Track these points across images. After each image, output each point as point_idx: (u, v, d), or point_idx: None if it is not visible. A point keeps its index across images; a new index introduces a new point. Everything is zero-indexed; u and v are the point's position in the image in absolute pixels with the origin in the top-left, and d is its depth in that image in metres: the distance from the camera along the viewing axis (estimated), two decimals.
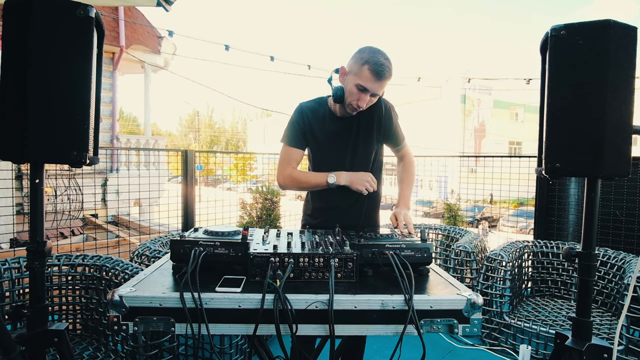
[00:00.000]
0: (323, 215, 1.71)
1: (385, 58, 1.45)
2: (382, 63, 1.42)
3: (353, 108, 1.52)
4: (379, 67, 1.41)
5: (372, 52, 1.45)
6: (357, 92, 1.47)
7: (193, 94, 77.49)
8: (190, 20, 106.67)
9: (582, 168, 1.09)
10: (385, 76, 1.43)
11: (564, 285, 2.80)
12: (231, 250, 1.13)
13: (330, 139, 1.63)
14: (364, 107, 1.50)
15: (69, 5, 1.03)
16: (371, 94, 1.47)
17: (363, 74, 1.43)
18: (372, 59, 1.42)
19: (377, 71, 1.42)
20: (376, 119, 1.61)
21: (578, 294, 1.16)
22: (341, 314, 0.99)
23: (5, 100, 1.01)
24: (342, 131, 1.62)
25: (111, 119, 8.33)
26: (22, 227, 4.50)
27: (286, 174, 1.64)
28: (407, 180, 1.72)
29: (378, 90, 1.46)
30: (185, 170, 3.86)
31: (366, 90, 1.45)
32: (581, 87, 1.06)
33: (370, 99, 1.49)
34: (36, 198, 1.09)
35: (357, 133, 1.62)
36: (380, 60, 1.43)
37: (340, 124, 1.62)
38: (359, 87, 1.46)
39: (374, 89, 1.45)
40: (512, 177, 4.16)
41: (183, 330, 0.97)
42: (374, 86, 1.44)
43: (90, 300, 1.90)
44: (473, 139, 25.17)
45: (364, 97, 1.47)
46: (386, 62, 1.44)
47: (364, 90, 1.45)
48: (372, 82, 1.43)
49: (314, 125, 1.64)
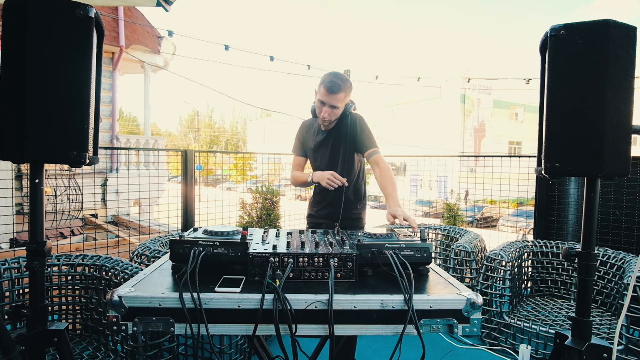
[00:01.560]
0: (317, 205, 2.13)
1: (338, 78, 1.83)
2: (333, 81, 1.81)
3: (322, 119, 1.89)
4: (330, 84, 1.81)
5: (329, 75, 1.86)
6: (320, 106, 1.88)
7: (193, 94, 77.55)
8: (190, 20, 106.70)
9: (581, 168, 1.09)
10: (335, 91, 1.80)
11: (564, 285, 2.80)
12: (231, 250, 1.13)
13: (317, 149, 2.05)
14: (326, 117, 1.86)
15: (68, 6, 1.03)
16: (329, 105, 1.83)
17: (320, 91, 1.85)
18: (326, 79, 1.83)
19: (328, 87, 1.81)
20: (346, 130, 1.96)
21: (578, 294, 1.16)
22: (341, 314, 0.99)
23: (6, 101, 1.01)
24: (325, 142, 2.02)
25: (111, 119, 8.33)
26: (22, 227, 4.50)
27: (291, 175, 2.20)
28: (390, 182, 1.86)
29: (333, 102, 1.82)
30: (185, 171, 3.86)
31: (323, 103, 1.84)
32: (581, 87, 1.06)
33: (330, 110, 1.85)
34: (36, 198, 1.09)
35: (335, 143, 1.99)
36: (332, 79, 1.82)
37: (323, 136, 2.01)
38: (320, 102, 1.86)
39: (329, 102, 1.83)
40: (512, 177, 4.16)
41: (183, 331, 0.97)
42: (328, 99, 1.82)
43: (90, 300, 1.90)
44: (473, 139, 25.16)
45: (324, 109, 1.85)
46: (337, 80, 1.82)
47: (323, 104, 1.85)
48: (327, 96, 1.82)
49: (307, 137, 2.10)
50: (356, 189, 2.05)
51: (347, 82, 1.86)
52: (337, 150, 2.00)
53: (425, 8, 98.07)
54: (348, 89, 1.86)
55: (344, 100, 1.87)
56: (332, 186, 1.85)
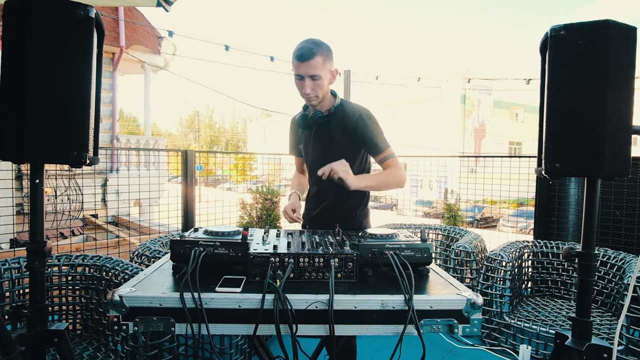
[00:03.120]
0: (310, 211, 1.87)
1: (309, 42, 1.53)
2: (303, 47, 1.51)
3: (306, 99, 1.62)
4: (300, 51, 1.51)
5: (299, 43, 1.56)
6: (298, 83, 1.58)
7: (193, 94, 77.59)
8: (190, 20, 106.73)
9: (581, 168, 1.09)
10: (308, 56, 1.50)
11: (564, 285, 2.80)
12: (231, 250, 1.13)
13: (307, 143, 1.78)
14: (309, 92, 1.57)
15: (69, 6, 1.03)
16: (308, 76, 1.54)
17: (294, 64, 1.55)
18: (295, 49, 1.54)
19: (298, 55, 1.51)
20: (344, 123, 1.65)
21: (578, 294, 1.16)
22: (341, 314, 0.99)
23: (6, 100, 1.01)
24: (317, 136, 1.72)
25: (111, 119, 8.33)
26: (22, 227, 4.50)
27: (293, 175, 2.03)
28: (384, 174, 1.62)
29: (310, 71, 1.52)
30: (185, 171, 3.86)
31: (300, 76, 1.55)
32: (581, 87, 1.06)
33: (312, 83, 1.56)
34: (36, 198, 1.09)
35: (330, 137, 1.68)
36: (302, 45, 1.52)
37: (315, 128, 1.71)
38: (297, 77, 1.57)
39: (306, 72, 1.53)
40: (512, 177, 4.16)
41: (183, 330, 0.97)
42: (304, 69, 1.52)
43: (90, 300, 1.90)
44: (473, 139, 25.16)
45: (303, 84, 1.56)
46: (308, 45, 1.52)
47: (301, 78, 1.56)
48: (300, 66, 1.52)
49: (298, 132, 1.83)
50: (356, 193, 1.68)
51: (322, 45, 1.54)
52: (331, 146, 1.68)
53: (425, 8, 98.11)
54: (325, 53, 1.54)
55: (324, 67, 1.54)
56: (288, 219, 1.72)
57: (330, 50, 1.58)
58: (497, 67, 43.94)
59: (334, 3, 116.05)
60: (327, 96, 1.68)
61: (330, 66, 1.59)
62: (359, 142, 1.66)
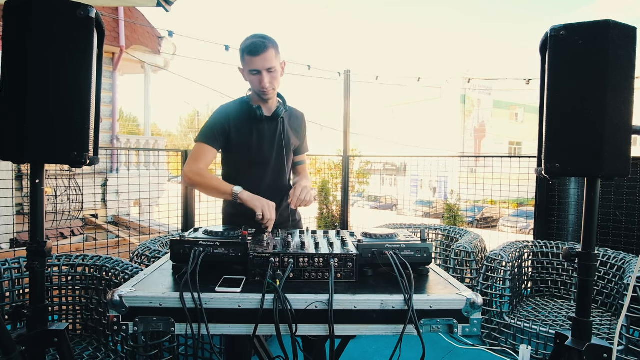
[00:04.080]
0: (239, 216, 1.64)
1: (257, 37, 1.55)
2: (254, 42, 1.53)
3: (263, 93, 1.60)
4: (250, 46, 1.52)
5: (245, 40, 1.57)
6: (255, 78, 1.57)
7: (193, 94, 77.48)
8: (190, 20, 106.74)
9: (581, 168, 1.09)
10: (261, 50, 1.51)
11: (564, 285, 2.80)
12: (231, 250, 1.13)
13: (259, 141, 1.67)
14: (267, 85, 1.57)
15: (69, 6, 1.03)
16: (266, 70, 1.54)
17: (246, 61, 1.55)
18: (244, 44, 1.55)
19: (250, 50, 1.52)
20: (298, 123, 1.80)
21: (578, 294, 1.16)
22: (341, 314, 0.99)
23: (6, 101, 1.01)
24: (270, 134, 1.68)
25: (111, 119, 8.33)
26: (22, 227, 4.49)
27: (195, 169, 1.59)
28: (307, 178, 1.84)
29: (267, 64, 1.53)
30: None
31: (257, 71, 1.55)
32: (581, 87, 1.06)
33: (269, 75, 1.56)
34: (36, 198, 1.09)
35: (282, 137, 1.70)
36: (252, 41, 1.54)
37: (268, 125, 1.68)
38: (252, 73, 1.56)
39: (263, 65, 1.53)
40: (512, 177, 4.15)
41: (183, 330, 0.97)
42: (260, 62, 1.53)
43: (90, 300, 1.90)
44: (473, 139, 25.17)
45: (261, 78, 1.56)
46: (256, 39, 1.54)
47: (257, 72, 1.55)
48: (254, 61, 1.53)
49: (237, 124, 1.65)
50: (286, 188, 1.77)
51: (271, 38, 1.57)
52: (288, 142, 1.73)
53: (425, 8, 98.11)
54: (275, 45, 1.56)
55: (277, 59, 1.57)
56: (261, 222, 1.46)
57: (278, 45, 1.60)
58: (497, 67, 44.01)
59: (334, 3, 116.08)
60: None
61: (280, 58, 1.62)
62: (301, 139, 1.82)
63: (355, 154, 7.89)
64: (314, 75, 6.67)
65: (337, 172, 5.92)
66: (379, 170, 18.42)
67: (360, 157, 8.42)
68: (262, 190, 1.61)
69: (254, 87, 1.61)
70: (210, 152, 1.63)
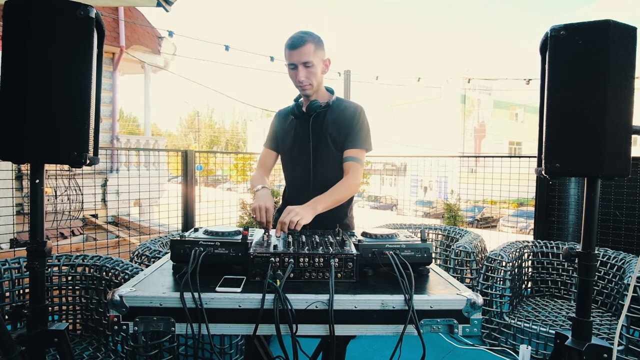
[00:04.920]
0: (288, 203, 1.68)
1: (299, 32, 1.57)
2: (294, 36, 1.56)
3: (301, 88, 1.62)
4: (290, 40, 1.56)
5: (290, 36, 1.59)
6: (292, 72, 1.60)
7: (193, 94, 77.53)
8: (190, 20, 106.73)
9: (581, 168, 1.09)
10: (299, 43, 1.54)
11: (564, 285, 2.80)
12: (231, 250, 1.13)
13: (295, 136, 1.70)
14: (303, 79, 1.58)
15: (69, 6, 1.03)
16: (301, 63, 1.56)
17: (286, 55, 1.58)
18: (287, 40, 1.57)
19: (289, 44, 1.55)
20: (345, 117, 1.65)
21: (578, 294, 1.16)
22: (341, 313, 0.99)
23: (6, 101, 1.01)
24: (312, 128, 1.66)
25: (111, 119, 8.33)
26: (22, 227, 4.49)
27: (253, 174, 1.77)
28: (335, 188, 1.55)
29: (303, 58, 1.55)
30: (185, 171, 3.86)
31: (293, 65, 1.57)
32: (581, 87, 1.06)
33: (305, 70, 1.57)
34: (36, 198, 1.09)
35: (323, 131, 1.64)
36: (293, 35, 1.57)
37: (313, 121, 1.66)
38: (290, 67, 1.59)
39: (299, 59, 1.55)
40: (512, 177, 4.16)
41: (183, 330, 0.97)
42: (297, 56, 1.55)
43: (90, 300, 1.90)
44: (473, 139, 25.17)
45: (297, 72, 1.58)
46: (298, 34, 1.56)
47: (294, 67, 1.57)
48: (292, 55, 1.55)
49: (282, 128, 1.75)
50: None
51: (313, 34, 1.57)
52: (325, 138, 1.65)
53: (425, 8, 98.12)
54: (316, 41, 1.57)
55: (316, 54, 1.56)
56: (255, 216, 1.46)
57: (321, 40, 1.61)
58: (497, 67, 44.02)
59: (334, 3, 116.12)
60: (321, 88, 1.68)
61: (322, 55, 1.61)
62: (345, 133, 1.64)
63: None
64: None
65: None
66: (379, 170, 18.42)
67: None
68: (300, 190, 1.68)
69: (293, 82, 1.63)
70: (268, 155, 1.80)
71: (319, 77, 1.62)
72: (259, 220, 1.45)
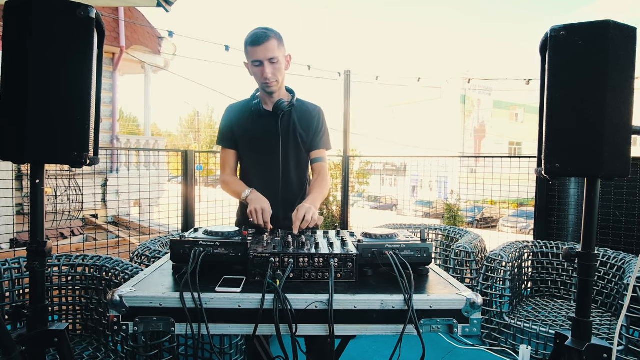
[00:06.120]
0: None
1: (260, 28, 1.54)
2: (256, 33, 1.52)
3: (266, 85, 1.58)
4: (253, 36, 1.52)
5: (248, 33, 1.56)
6: (257, 70, 1.56)
7: (193, 94, 77.48)
8: (190, 20, 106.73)
9: (581, 168, 1.09)
10: (263, 39, 1.50)
11: (564, 285, 2.80)
12: (231, 250, 1.13)
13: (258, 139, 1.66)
14: (270, 76, 1.55)
15: (69, 6, 1.03)
16: (267, 60, 1.52)
17: (248, 53, 1.55)
18: (247, 37, 1.54)
19: (253, 41, 1.51)
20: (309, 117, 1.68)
21: (578, 294, 1.16)
22: (341, 313, 0.99)
23: (6, 100, 1.01)
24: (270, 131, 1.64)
25: (111, 120, 8.33)
26: (22, 227, 4.49)
27: (222, 178, 1.73)
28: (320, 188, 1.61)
29: (269, 54, 1.52)
30: (185, 171, 3.86)
31: (258, 61, 1.53)
32: (581, 88, 1.06)
33: (271, 66, 1.54)
34: (36, 198, 1.09)
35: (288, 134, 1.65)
36: (254, 32, 1.53)
37: (269, 122, 1.64)
38: (253, 65, 1.55)
39: (264, 55, 1.52)
40: (512, 178, 4.15)
41: (183, 330, 0.97)
42: (262, 52, 1.51)
43: (90, 300, 1.91)
44: (473, 140, 25.18)
45: (263, 69, 1.54)
46: (258, 30, 1.53)
47: (260, 64, 1.53)
48: (256, 52, 1.51)
49: (241, 124, 1.68)
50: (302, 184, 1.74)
51: (274, 30, 1.55)
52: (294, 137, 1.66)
53: (425, 8, 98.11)
54: (278, 37, 1.55)
55: (280, 50, 1.55)
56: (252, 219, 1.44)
57: (282, 37, 1.59)
58: (497, 67, 43.97)
59: (334, 3, 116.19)
60: (283, 87, 1.67)
61: (284, 51, 1.60)
62: (312, 134, 1.68)
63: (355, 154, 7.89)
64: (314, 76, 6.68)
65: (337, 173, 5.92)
66: (379, 170, 18.42)
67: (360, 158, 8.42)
68: (270, 188, 1.63)
69: (257, 80, 1.60)
70: (229, 154, 1.72)
71: (283, 73, 1.61)
72: (257, 223, 1.44)
